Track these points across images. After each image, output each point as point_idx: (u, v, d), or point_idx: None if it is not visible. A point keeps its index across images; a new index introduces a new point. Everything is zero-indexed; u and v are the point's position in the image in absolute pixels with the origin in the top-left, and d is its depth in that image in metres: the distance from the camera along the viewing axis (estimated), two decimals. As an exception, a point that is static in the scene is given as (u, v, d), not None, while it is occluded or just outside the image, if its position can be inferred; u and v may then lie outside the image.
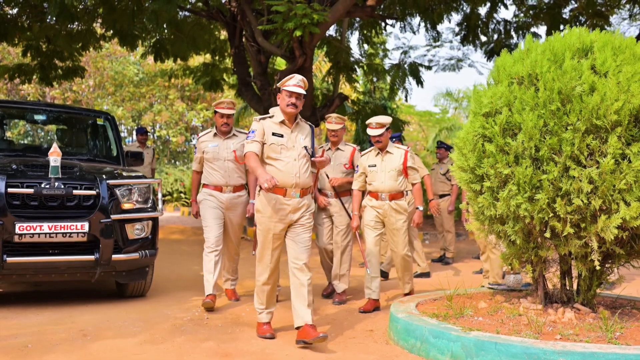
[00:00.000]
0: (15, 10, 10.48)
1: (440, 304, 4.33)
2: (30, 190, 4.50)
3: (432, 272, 7.24)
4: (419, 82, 12.34)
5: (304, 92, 3.92)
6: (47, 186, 4.54)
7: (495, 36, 12.21)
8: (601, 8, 11.42)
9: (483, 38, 12.24)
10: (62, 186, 4.58)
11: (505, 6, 11.34)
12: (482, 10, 11.73)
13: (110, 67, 21.68)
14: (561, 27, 11.66)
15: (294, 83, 3.91)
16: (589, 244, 3.51)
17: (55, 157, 4.56)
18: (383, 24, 12.07)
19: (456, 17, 15.68)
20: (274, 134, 3.94)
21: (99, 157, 6.05)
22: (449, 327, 3.55)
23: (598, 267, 3.59)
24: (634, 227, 3.40)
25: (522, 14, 12.35)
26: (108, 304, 5.02)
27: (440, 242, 8.61)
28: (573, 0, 11.63)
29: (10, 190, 4.47)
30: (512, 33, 12.00)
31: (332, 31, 12.70)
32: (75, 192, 4.63)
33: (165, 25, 10.73)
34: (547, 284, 4.14)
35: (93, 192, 4.71)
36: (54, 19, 9.48)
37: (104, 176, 4.86)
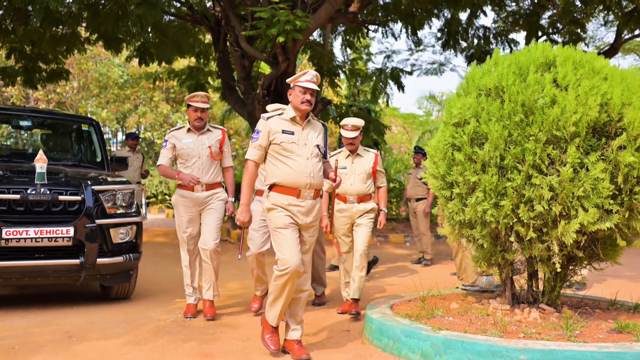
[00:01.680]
0: (-1, 14, 10.53)
1: (414, 304, 4.52)
2: (17, 196, 4.62)
3: (413, 274, 7.44)
4: (400, 87, 12.59)
5: (318, 88, 3.76)
6: (33, 192, 4.65)
7: (475, 42, 12.49)
8: (578, 15, 11.73)
9: (463, 44, 12.51)
10: (48, 192, 4.70)
11: (484, 13, 11.59)
12: (463, 16, 12.00)
13: (95, 69, 21.67)
14: (539, 33, 11.96)
15: (308, 79, 3.71)
16: (551, 248, 3.72)
17: (41, 164, 4.68)
18: (365, 30, 12.28)
19: (437, 23, 15.95)
20: (284, 131, 3.72)
21: (84, 162, 6.17)
22: (419, 327, 3.73)
23: (559, 270, 3.80)
24: (592, 231, 3.62)
25: (501, 21, 12.64)
26: (92, 306, 5.15)
27: (418, 244, 8.83)
28: (550, 7, 11.94)
29: (-4, 196, 4.58)
30: (492, 39, 12.27)
31: (315, 35, 12.88)
32: (60, 197, 4.75)
33: (149, 30, 10.84)
34: (514, 285, 4.35)
35: (78, 198, 4.83)
36: (39, 23, 9.55)
37: (89, 182, 4.98)
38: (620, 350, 3.15)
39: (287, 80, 3.84)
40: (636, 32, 12.69)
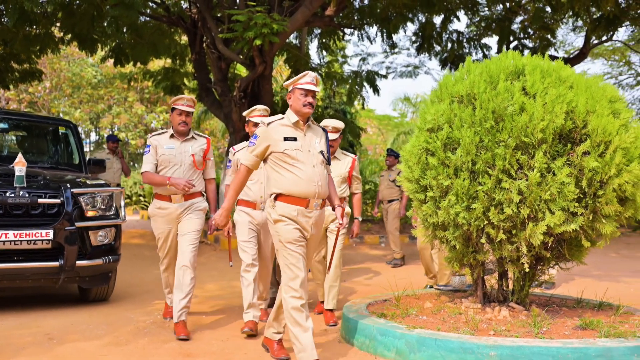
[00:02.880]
0: (-29, 13, 10.38)
1: (390, 304, 4.65)
2: (-4, 199, 4.62)
3: (388, 274, 7.59)
4: (375, 90, 12.77)
5: (319, 90, 3.63)
6: (12, 195, 4.66)
7: (449, 46, 12.74)
8: (548, 21, 12.06)
9: (437, 48, 12.75)
10: (27, 195, 4.71)
11: (458, 18, 11.84)
12: (437, 21, 12.25)
13: (68, 69, 21.41)
14: (510, 38, 12.28)
15: (308, 81, 3.57)
16: (520, 249, 3.89)
17: (20, 167, 4.68)
18: (341, 33, 12.42)
19: (412, 27, 16.21)
20: (285, 138, 3.54)
21: (61, 164, 6.16)
22: (394, 326, 3.87)
23: (528, 270, 3.98)
24: (558, 233, 3.80)
25: (474, 26, 12.92)
26: (72, 308, 5.16)
27: (391, 245, 9.00)
28: (521, 12, 12.26)
29: (-26, 199, 4.58)
30: (465, 43, 12.54)
31: (292, 38, 12.98)
32: (40, 200, 4.76)
33: (125, 30, 10.79)
34: (485, 285, 4.52)
35: (57, 201, 4.84)
36: (12, 23, 9.44)
37: (68, 185, 5.00)
38: (584, 346, 3.32)
39: (285, 84, 3.71)
40: (604, 38, 13.11)
